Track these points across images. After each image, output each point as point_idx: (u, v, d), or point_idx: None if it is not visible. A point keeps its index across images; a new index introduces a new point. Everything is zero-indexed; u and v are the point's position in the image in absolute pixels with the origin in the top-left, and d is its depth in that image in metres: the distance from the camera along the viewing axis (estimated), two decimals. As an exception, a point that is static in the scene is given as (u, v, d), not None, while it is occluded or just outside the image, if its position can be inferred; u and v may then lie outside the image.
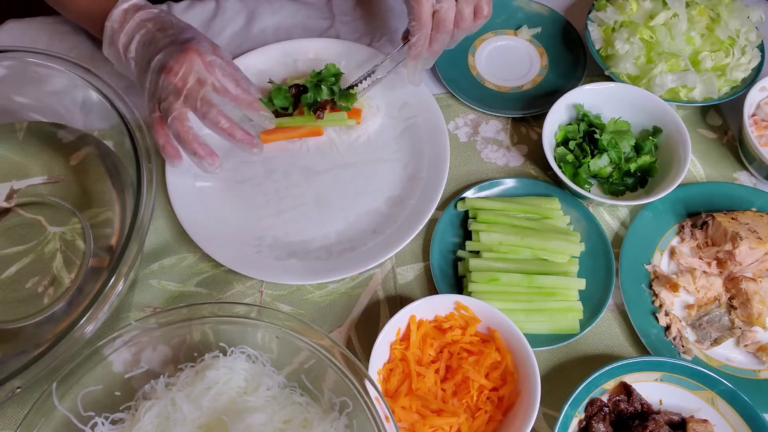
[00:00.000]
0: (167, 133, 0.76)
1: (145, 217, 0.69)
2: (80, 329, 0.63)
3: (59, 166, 0.84)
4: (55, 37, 0.96)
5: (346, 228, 0.83)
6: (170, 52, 0.75)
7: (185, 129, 0.75)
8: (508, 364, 0.70)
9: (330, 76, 0.88)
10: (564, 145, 0.86)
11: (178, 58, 0.74)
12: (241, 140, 0.77)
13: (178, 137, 0.75)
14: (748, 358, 0.76)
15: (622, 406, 0.69)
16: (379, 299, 0.79)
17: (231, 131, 0.76)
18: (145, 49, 0.78)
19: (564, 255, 0.78)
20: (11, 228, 0.79)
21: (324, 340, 0.62)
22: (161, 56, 0.76)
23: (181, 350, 0.66)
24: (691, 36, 0.90)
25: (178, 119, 0.74)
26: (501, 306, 0.73)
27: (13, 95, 0.84)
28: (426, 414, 0.67)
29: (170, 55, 0.75)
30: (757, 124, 0.88)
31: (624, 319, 0.78)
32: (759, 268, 0.79)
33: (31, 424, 0.57)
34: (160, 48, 0.76)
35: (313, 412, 0.64)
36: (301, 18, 1.01)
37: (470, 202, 0.82)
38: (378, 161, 0.88)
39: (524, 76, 0.97)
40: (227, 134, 0.76)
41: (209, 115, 0.75)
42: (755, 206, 0.84)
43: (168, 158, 0.78)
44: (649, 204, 0.83)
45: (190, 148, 0.75)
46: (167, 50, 0.76)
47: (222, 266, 0.79)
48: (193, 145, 0.75)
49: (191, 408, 0.62)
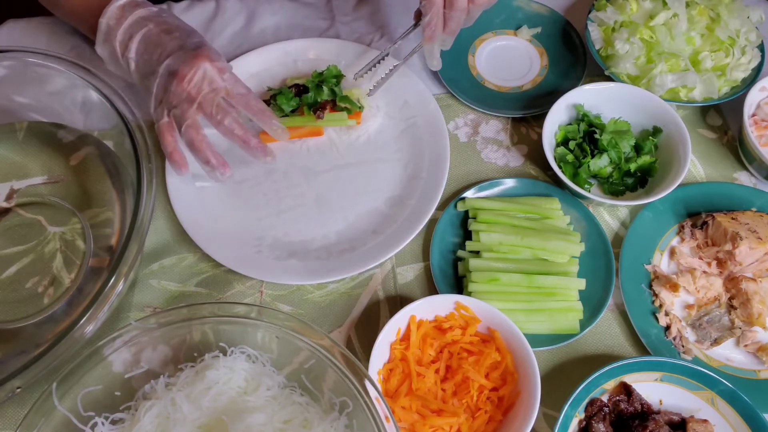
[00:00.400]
0: (176, 140, 0.76)
1: (145, 217, 0.69)
2: (80, 329, 0.63)
3: (59, 166, 0.84)
4: (55, 37, 0.96)
5: (346, 228, 0.83)
6: (181, 58, 0.74)
7: (200, 137, 0.74)
8: (508, 364, 0.70)
9: (331, 77, 0.88)
10: (564, 145, 0.86)
11: (191, 64, 0.73)
12: (256, 148, 0.77)
13: (191, 145, 0.75)
14: (748, 358, 0.76)
15: (622, 406, 0.69)
16: (379, 299, 0.79)
17: (246, 138, 0.76)
18: (150, 51, 0.76)
19: (564, 255, 0.78)
20: (11, 228, 0.79)
21: (324, 340, 0.62)
22: (171, 61, 0.75)
23: (181, 350, 0.66)
24: (691, 36, 0.90)
25: (192, 127, 0.74)
26: (501, 306, 0.73)
27: (13, 95, 0.84)
28: (426, 414, 0.67)
29: (182, 61, 0.74)
30: (757, 124, 0.88)
31: (624, 319, 0.78)
32: (759, 268, 0.79)
33: (31, 424, 0.57)
34: (169, 52, 0.75)
35: (313, 412, 0.64)
36: (301, 18, 1.01)
37: (470, 202, 0.82)
38: (378, 161, 0.88)
39: (524, 76, 0.97)
40: (241, 141, 0.76)
41: (225, 122, 0.74)
42: (755, 206, 0.84)
43: (175, 166, 0.77)
44: (649, 204, 0.83)
45: (203, 157, 0.75)
46: (177, 55, 0.75)
47: (222, 266, 0.79)
48: (206, 154, 0.75)
49: (191, 408, 0.62)
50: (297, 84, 0.89)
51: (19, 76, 0.81)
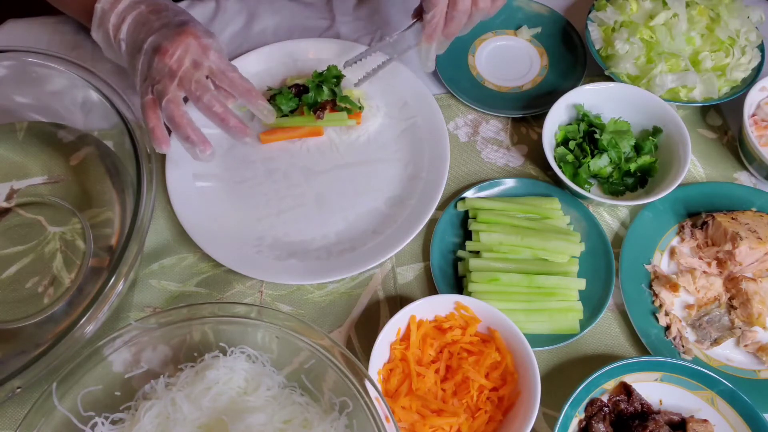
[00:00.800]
0: (159, 116, 0.74)
1: (145, 217, 0.69)
2: (80, 329, 0.63)
3: (59, 166, 0.84)
4: (55, 37, 0.96)
5: (346, 228, 0.83)
6: (165, 34, 0.73)
7: (180, 113, 0.73)
8: (508, 364, 0.70)
9: (331, 77, 0.88)
10: (564, 145, 0.86)
11: (174, 40, 0.72)
12: (234, 127, 0.74)
13: (171, 121, 0.73)
14: (748, 358, 0.76)
15: (622, 406, 0.69)
16: (379, 299, 0.79)
17: (224, 116, 0.74)
18: (138, 30, 0.76)
19: (564, 255, 0.78)
20: (11, 228, 0.79)
21: (324, 340, 0.62)
22: (155, 37, 0.74)
23: (181, 350, 0.66)
24: (691, 36, 0.90)
25: (172, 102, 0.72)
26: (501, 306, 0.73)
27: (13, 95, 0.84)
28: (426, 414, 0.67)
29: (165, 37, 0.73)
30: (757, 124, 0.88)
31: (624, 319, 0.78)
32: (759, 268, 0.79)
33: (31, 424, 0.57)
34: (155, 29, 0.74)
35: (313, 412, 0.64)
36: (301, 18, 1.01)
37: (470, 202, 0.82)
38: (378, 161, 0.88)
39: (524, 76, 0.97)
40: (220, 120, 0.74)
41: (203, 98, 0.73)
42: (755, 206, 0.84)
43: (156, 143, 0.74)
44: (649, 204, 0.83)
45: (183, 133, 0.73)
46: (161, 32, 0.74)
47: (222, 266, 0.79)
48: (186, 130, 0.73)
49: (191, 408, 0.62)
50: (297, 84, 0.89)
51: (19, 76, 0.81)
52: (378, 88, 0.92)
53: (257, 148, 0.88)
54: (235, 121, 0.74)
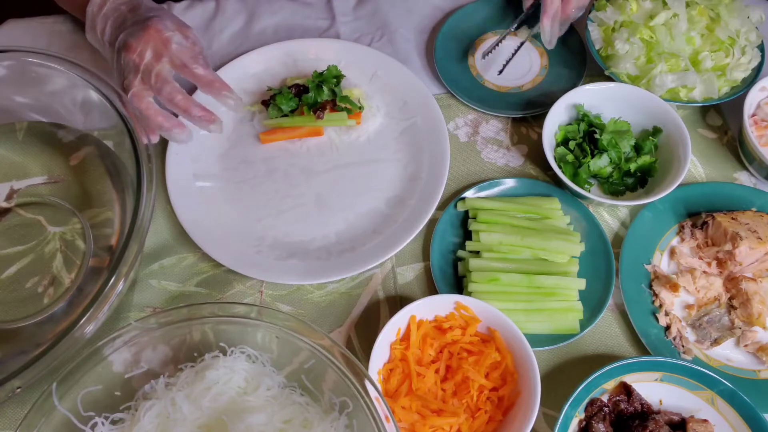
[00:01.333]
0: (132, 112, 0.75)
1: (145, 217, 0.69)
2: (80, 329, 0.63)
3: (59, 166, 0.84)
4: (55, 37, 0.96)
5: (346, 228, 0.83)
6: (131, 31, 0.75)
7: (145, 104, 0.74)
8: (508, 364, 0.70)
9: (331, 77, 0.88)
10: (564, 145, 0.86)
11: (138, 36, 0.74)
12: (199, 117, 0.75)
13: (141, 114, 0.74)
14: (748, 358, 0.76)
15: (622, 406, 0.69)
16: (379, 299, 0.79)
17: (186, 107, 0.75)
18: (116, 30, 0.78)
19: (564, 255, 0.78)
20: (11, 228, 0.79)
21: (324, 340, 0.62)
22: (123, 35, 0.76)
23: (181, 350, 0.66)
24: (691, 36, 0.90)
25: (136, 96, 0.74)
26: (501, 306, 0.73)
27: (13, 95, 0.84)
28: (426, 414, 0.67)
29: (130, 34, 0.75)
30: (757, 124, 0.88)
31: (624, 319, 0.78)
32: (759, 268, 0.79)
33: (31, 424, 0.57)
34: (126, 27, 0.77)
35: (313, 412, 0.64)
36: (301, 18, 1.01)
37: (470, 202, 0.82)
38: (378, 161, 0.88)
39: (524, 76, 0.97)
40: (182, 110, 0.75)
41: (164, 90, 0.74)
42: (755, 206, 0.84)
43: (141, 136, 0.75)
44: (649, 204, 0.83)
45: (155, 123, 0.75)
46: (129, 30, 0.76)
47: (222, 266, 0.79)
48: (157, 119, 0.74)
49: (191, 408, 0.62)
50: (297, 84, 0.89)
51: (19, 76, 0.81)
52: (378, 88, 0.92)
53: (257, 148, 0.88)
54: (198, 111, 0.75)
